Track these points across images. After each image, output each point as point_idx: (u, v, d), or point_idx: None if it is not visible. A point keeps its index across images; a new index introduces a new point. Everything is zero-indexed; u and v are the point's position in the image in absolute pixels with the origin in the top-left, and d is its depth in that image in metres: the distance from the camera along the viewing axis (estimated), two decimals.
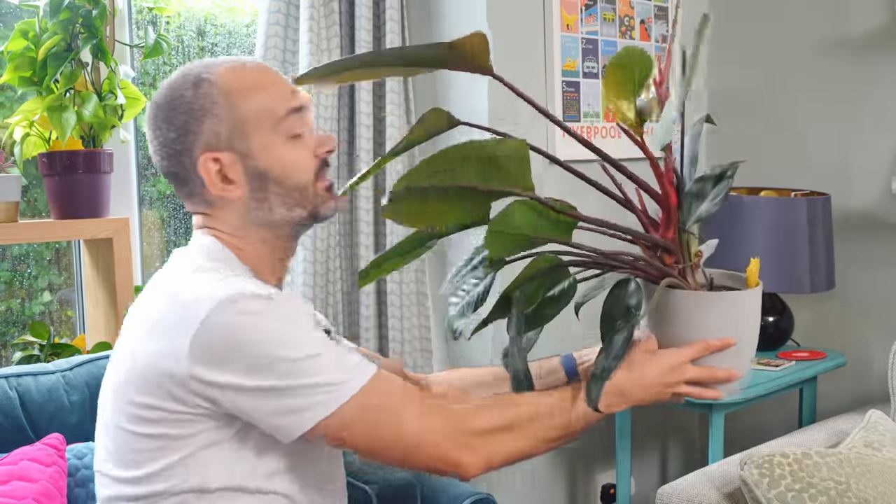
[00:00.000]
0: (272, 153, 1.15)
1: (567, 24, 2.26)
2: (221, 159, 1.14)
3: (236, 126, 1.14)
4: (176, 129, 1.15)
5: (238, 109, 1.14)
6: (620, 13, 2.40)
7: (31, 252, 2.06)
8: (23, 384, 1.53)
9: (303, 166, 1.17)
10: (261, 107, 1.15)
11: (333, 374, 1.05)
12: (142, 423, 1.08)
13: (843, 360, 2.38)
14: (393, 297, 2.08)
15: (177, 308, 1.06)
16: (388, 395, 1.09)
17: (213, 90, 1.14)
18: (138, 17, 2.05)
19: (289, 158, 1.16)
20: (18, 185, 1.74)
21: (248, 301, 1.04)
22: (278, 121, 1.15)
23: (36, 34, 1.72)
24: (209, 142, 1.14)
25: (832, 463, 1.71)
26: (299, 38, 2.00)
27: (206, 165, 1.14)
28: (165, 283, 1.13)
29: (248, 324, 1.03)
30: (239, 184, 1.15)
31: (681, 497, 1.81)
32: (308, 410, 1.04)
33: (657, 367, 1.15)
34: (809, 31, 2.50)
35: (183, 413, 1.06)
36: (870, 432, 1.90)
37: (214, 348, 1.02)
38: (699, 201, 1.13)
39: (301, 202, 1.17)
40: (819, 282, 2.27)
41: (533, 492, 2.30)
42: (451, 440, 1.08)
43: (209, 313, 1.02)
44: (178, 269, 1.15)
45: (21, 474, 1.40)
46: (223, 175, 1.15)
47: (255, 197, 1.16)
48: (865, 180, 2.43)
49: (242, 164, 1.15)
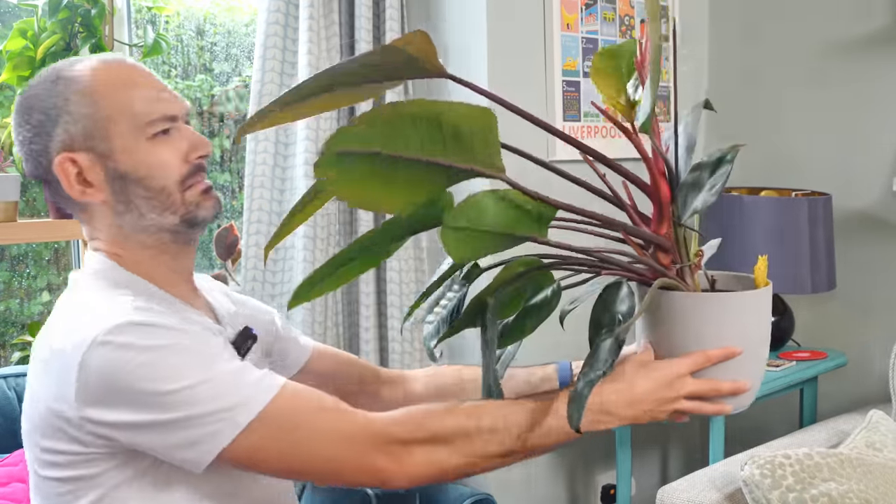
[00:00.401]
0: (134, 155, 1.08)
1: (567, 23, 2.26)
2: (78, 161, 1.08)
3: (94, 126, 1.08)
4: (32, 128, 1.10)
5: (96, 109, 1.08)
6: (621, 12, 2.39)
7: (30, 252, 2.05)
8: (21, 385, 1.52)
9: (168, 170, 1.10)
10: (121, 107, 1.08)
11: (226, 400, 0.98)
12: (51, 467, 1.05)
13: (844, 361, 2.38)
14: (393, 298, 2.08)
15: (56, 353, 1.02)
16: (296, 411, 1.01)
17: (69, 88, 1.08)
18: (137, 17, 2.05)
19: (152, 161, 1.09)
20: (17, 185, 1.73)
21: (121, 334, 0.98)
22: (141, 122, 1.08)
23: (35, 33, 1.72)
24: (65, 142, 1.08)
25: (833, 464, 1.71)
26: (299, 37, 1.99)
27: (63, 167, 1.08)
28: (54, 319, 1.09)
29: (124, 360, 0.97)
30: (99, 186, 1.09)
31: (681, 498, 1.81)
32: (206, 442, 0.98)
33: (650, 380, 1.02)
34: (810, 30, 2.50)
35: (89, 454, 1.02)
36: (871, 433, 1.89)
37: (97, 390, 0.98)
38: (695, 192, 1.01)
39: (169, 207, 1.10)
40: (820, 282, 2.26)
41: (533, 492, 2.30)
42: (370, 449, 1.01)
43: (83, 356, 0.98)
44: (65, 301, 1.11)
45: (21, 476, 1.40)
46: (82, 178, 1.09)
47: (119, 200, 1.10)
48: (866, 180, 2.43)
49: (102, 166, 1.09)
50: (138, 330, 0.99)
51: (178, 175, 1.10)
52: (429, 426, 1.02)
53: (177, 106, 1.13)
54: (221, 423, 0.98)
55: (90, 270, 1.12)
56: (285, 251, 2.04)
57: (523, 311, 1.06)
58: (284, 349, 1.35)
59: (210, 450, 0.98)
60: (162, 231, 1.12)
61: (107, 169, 1.09)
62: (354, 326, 2.11)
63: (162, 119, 1.10)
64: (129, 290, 1.08)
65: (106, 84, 1.09)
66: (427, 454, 1.01)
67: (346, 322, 2.10)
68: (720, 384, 1.03)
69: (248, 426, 0.98)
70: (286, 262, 2.03)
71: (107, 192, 1.10)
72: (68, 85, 1.09)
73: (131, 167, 1.09)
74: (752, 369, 1.05)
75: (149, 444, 1.00)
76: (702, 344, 1.02)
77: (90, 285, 1.10)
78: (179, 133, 1.12)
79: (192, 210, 1.12)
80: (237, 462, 1.01)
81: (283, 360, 1.35)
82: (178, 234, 1.13)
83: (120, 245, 1.12)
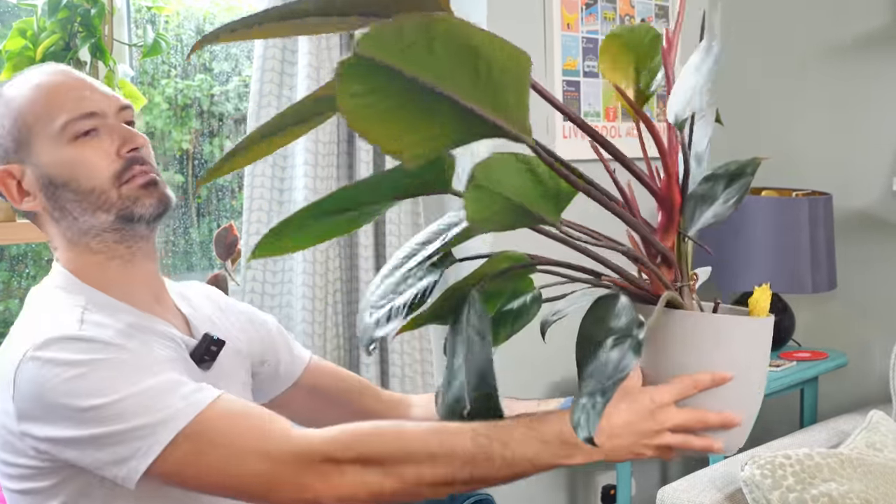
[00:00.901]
0: (57, 160, 1.09)
1: (567, 23, 2.25)
2: (13, 172, 1.11)
3: (20, 137, 1.10)
4: None
5: (18, 119, 1.10)
6: (621, 12, 2.39)
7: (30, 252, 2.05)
8: None
9: (95, 169, 1.09)
10: (40, 113, 1.09)
11: (152, 415, 0.96)
12: (11, 479, 1.06)
13: (845, 361, 2.38)
14: None
15: (0, 367, 1.03)
16: (224, 426, 0.99)
17: (0, 104, 1.12)
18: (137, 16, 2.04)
19: (76, 163, 1.09)
20: None
21: (49, 350, 0.98)
22: (58, 126, 1.09)
23: (34, 33, 1.72)
24: (1, 156, 1.11)
25: (834, 464, 1.71)
26: (298, 37, 1.99)
27: (2, 179, 1.11)
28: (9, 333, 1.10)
29: (49, 375, 0.97)
30: (34, 195, 1.11)
31: (682, 498, 1.81)
32: (133, 458, 0.96)
33: (630, 411, 0.91)
34: (810, 30, 2.49)
35: (36, 467, 1.02)
36: (871, 433, 1.89)
37: (28, 404, 0.98)
38: (705, 205, 0.91)
39: (100, 206, 1.09)
40: (820, 282, 2.26)
41: (533, 492, 2.29)
42: (299, 467, 0.97)
43: (16, 371, 0.99)
44: (20, 316, 1.11)
45: None
46: (22, 188, 1.11)
47: (55, 207, 1.11)
48: (866, 180, 2.43)
49: (33, 174, 1.10)
50: (68, 344, 0.98)
51: (108, 173, 1.10)
52: (358, 447, 0.97)
53: (101, 104, 1.12)
54: (147, 440, 0.97)
55: (48, 284, 1.13)
56: None
57: (498, 316, 0.92)
58: (277, 360, 1.32)
59: (137, 466, 0.97)
60: (104, 232, 1.11)
61: (37, 177, 1.10)
62: (354, 327, 2.10)
63: (79, 118, 1.09)
64: (82, 302, 1.07)
65: (28, 94, 1.11)
66: (358, 475, 0.96)
67: (345, 323, 2.09)
68: (707, 415, 0.91)
69: (173, 441, 0.97)
70: (286, 261, 2.03)
71: (41, 200, 1.11)
72: (0, 101, 1.12)
73: (57, 173, 1.09)
74: (745, 403, 0.93)
75: (80, 460, 0.99)
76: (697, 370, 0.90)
77: (43, 299, 1.10)
78: (109, 130, 1.11)
79: (127, 205, 1.10)
80: (167, 478, 0.99)
81: (276, 371, 1.32)
82: (121, 233, 1.11)
83: (72, 253, 1.12)
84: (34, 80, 1.13)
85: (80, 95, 1.11)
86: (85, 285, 1.11)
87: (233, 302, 1.34)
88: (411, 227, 2.12)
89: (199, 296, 1.27)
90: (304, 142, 1.98)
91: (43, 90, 1.11)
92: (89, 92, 1.12)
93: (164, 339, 1.11)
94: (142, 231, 1.13)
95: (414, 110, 0.66)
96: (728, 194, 0.91)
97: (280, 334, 1.35)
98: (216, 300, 1.30)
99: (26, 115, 1.10)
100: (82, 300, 1.07)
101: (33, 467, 1.02)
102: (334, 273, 2.07)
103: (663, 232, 0.91)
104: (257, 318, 1.33)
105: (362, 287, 2.07)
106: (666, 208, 0.90)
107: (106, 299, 1.10)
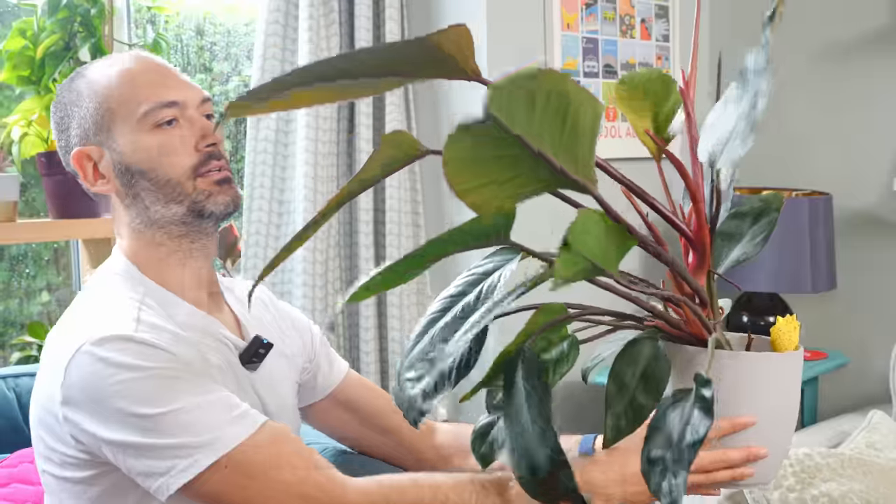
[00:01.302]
0: (136, 147, 1.09)
1: (567, 23, 2.25)
2: (91, 154, 1.10)
3: (101, 120, 1.10)
4: (56, 124, 1.13)
5: (101, 103, 1.09)
6: (621, 12, 2.39)
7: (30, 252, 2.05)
8: (21, 385, 1.52)
9: (173, 160, 1.09)
10: (125, 98, 1.09)
11: (193, 436, 0.96)
12: (51, 464, 1.06)
13: (845, 361, 2.38)
14: (392, 298, 2.08)
15: (52, 351, 1.04)
16: (265, 462, 0.99)
17: (81, 84, 1.11)
18: (137, 16, 2.04)
19: (155, 151, 1.08)
20: (16, 185, 1.73)
21: (104, 348, 0.98)
22: (143, 112, 1.08)
23: (34, 33, 1.71)
24: (80, 136, 1.11)
25: (834, 464, 1.71)
26: (298, 36, 1.99)
27: (79, 160, 1.11)
28: (64, 317, 1.10)
29: (103, 374, 0.97)
30: (109, 178, 1.11)
31: None
32: (167, 475, 0.96)
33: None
34: (811, 30, 2.49)
35: (76, 457, 1.03)
36: (872, 433, 1.89)
37: (76, 394, 0.99)
38: (733, 242, 0.91)
39: (175, 198, 1.09)
40: (820, 282, 2.26)
41: None
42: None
43: (70, 361, 0.99)
44: (78, 300, 1.11)
45: (21, 477, 1.40)
46: (97, 171, 1.11)
47: (128, 193, 1.10)
48: (867, 180, 2.43)
49: (110, 158, 1.10)
50: (124, 345, 0.98)
51: (186, 165, 1.09)
52: (389, 496, 1.01)
53: (184, 93, 1.11)
54: (185, 460, 0.97)
55: (107, 271, 1.12)
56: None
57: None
58: (317, 368, 1.31)
59: (170, 483, 0.97)
60: (171, 224, 1.11)
61: (113, 161, 1.10)
62: (354, 327, 2.10)
63: (161, 106, 1.09)
64: (140, 295, 1.07)
65: (112, 78, 1.10)
66: None
67: (346, 323, 2.09)
68: (729, 454, 0.89)
69: (211, 466, 0.97)
70: (286, 261, 2.03)
71: (116, 184, 1.11)
72: (81, 82, 1.12)
73: (135, 160, 1.09)
74: (773, 437, 0.90)
75: (114, 460, 1.00)
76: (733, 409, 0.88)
77: (103, 287, 1.10)
78: (189, 122, 1.11)
79: (200, 200, 1.10)
80: (198, 498, 0.99)
81: (314, 379, 1.31)
82: (188, 227, 1.11)
83: (136, 242, 1.12)
84: (120, 65, 1.12)
85: (164, 84, 1.11)
86: (147, 279, 1.11)
87: (280, 304, 1.33)
88: (411, 226, 2.12)
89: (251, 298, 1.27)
90: (304, 142, 1.98)
91: (128, 76, 1.10)
92: (173, 81, 1.12)
93: (215, 341, 1.11)
94: (208, 227, 1.13)
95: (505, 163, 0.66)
96: (754, 232, 0.92)
97: (323, 344, 1.34)
98: (264, 300, 1.29)
99: (110, 100, 1.09)
100: (140, 293, 1.08)
101: (72, 457, 1.03)
102: (334, 273, 2.07)
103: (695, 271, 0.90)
104: (302, 324, 1.32)
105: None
106: (698, 249, 0.89)
107: (163, 293, 1.10)
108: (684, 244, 0.90)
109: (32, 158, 1.79)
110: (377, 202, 2.10)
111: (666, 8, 2.54)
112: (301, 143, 1.99)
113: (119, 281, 1.10)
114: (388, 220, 2.08)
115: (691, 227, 0.89)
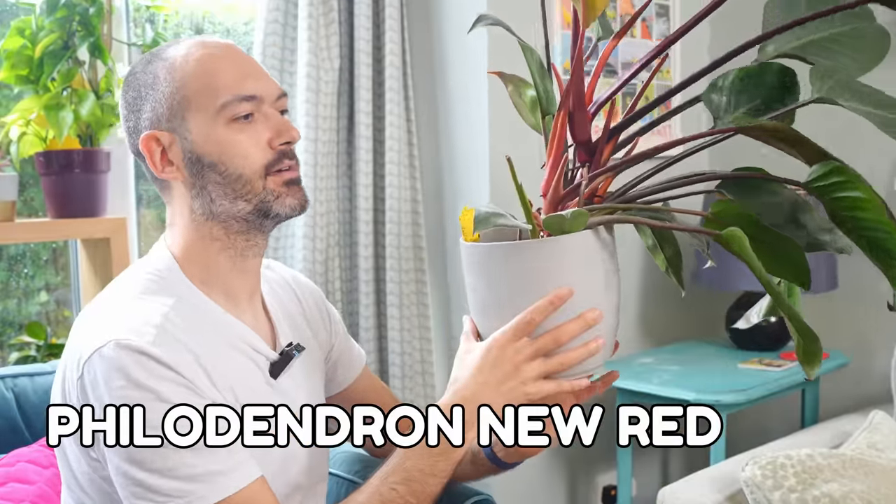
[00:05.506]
0: (210, 139, 1.06)
1: (568, 22, 2.25)
2: (161, 139, 1.07)
3: (176, 106, 1.06)
4: (127, 105, 1.10)
5: (178, 89, 1.06)
6: (621, 11, 2.39)
7: (28, 252, 2.05)
8: (19, 385, 1.52)
9: (246, 156, 1.06)
10: (203, 87, 1.06)
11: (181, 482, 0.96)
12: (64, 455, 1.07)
13: (846, 361, 2.37)
14: (392, 298, 2.07)
15: (73, 345, 1.03)
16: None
17: (159, 67, 1.08)
18: (136, 15, 2.04)
19: (228, 147, 1.05)
20: (15, 185, 1.72)
21: (121, 356, 0.96)
22: (221, 104, 1.05)
23: (32, 32, 1.71)
24: (152, 120, 1.07)
25: (835, 464, 1.70)
26: (298, 35, 1.99)
27: (148, 144, 1.07)
28: (92, 305, 1.09)
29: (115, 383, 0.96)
30: (178, 166, 1.08)
31: (682, 498, 1.80)
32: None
33: (487, 373, 1.00)
34: None
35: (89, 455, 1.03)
36: (873, 433, 1.89)
37: (89, 393, 0.98)
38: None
39: (244, 195, 1.07)
40: (821, 282, 2.26)
41: (534, 493, 2.29)
42: None
43: (88, 359, 0.98)
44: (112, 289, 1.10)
45: (18, 476, 1.39)
46: (165, 157, 1.08)
47: (194, 183, 1.08)
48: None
49: (181, 146, 1.07)
50: (140, 359, 0.96)
51: (259, 163, 1.07)
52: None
53: (262, 88, 1.08)
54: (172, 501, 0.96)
55: (149, 267, 1.10)
56: (284, 251, 2.04)
57: None
58: (339, 359, 1.32)
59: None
60: (233, 219, 1.08)
61: (184, 149, 1.07)
62: (354, 326, 2.10)
63: (239, 100, 1.06)
64: (170, 302, 1.05)
65: (191, 65, 1.07)
66: None
67: (346, 322, 2.09)
68: (568, 356, 0.97)
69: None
70: (286, 261, 2.03)
71: (184, 173, 1.08)
72: (159, 64, 1.08)
73: (206, 151, 1.06)
74: (602, 322, 0.97)
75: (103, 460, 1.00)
76: (537, 293, 0.95)
77: (137, 285, 1.08)
78: (265, 118, 1.08)
79: (269, 201, 1.07)
80: None
81: (334, 373, 1.31)
82: (249, 225, 1.09)
83: (191, 234, 1.10)
84: (200, 51, 1.08)
85: (243, 76, 1.07)
86: (182, 275, 1.09)
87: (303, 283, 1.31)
88: (411, 226, 2.11)
89: (283, 286, 1.26)
90: (304, 142, 1.98)
91: (208, 64, 1.07)
92: (255, 73, 1.09)
93: (240, 350, 1.10)
94: (268, 227, 1.11)
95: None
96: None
97: (346, 339, 1.34)
98: (296, 290, 1.28)
99: (187, 87, 1.06)
100: (170, 300, 1.05)
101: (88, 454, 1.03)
102: (334, 272, 2.07)
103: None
104: (332, 315, 1.32)
105: (362, 287, 2.07)
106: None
107: (195, 299, 1.08)
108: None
109: (31, 158, 1.79)
110: (377, 201, 2.10)
111: (667, 7, 2.53)
112: (301, 143, 1.98)
113: (156, 282, 1.08)
114: (387, 219, 2.07)
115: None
